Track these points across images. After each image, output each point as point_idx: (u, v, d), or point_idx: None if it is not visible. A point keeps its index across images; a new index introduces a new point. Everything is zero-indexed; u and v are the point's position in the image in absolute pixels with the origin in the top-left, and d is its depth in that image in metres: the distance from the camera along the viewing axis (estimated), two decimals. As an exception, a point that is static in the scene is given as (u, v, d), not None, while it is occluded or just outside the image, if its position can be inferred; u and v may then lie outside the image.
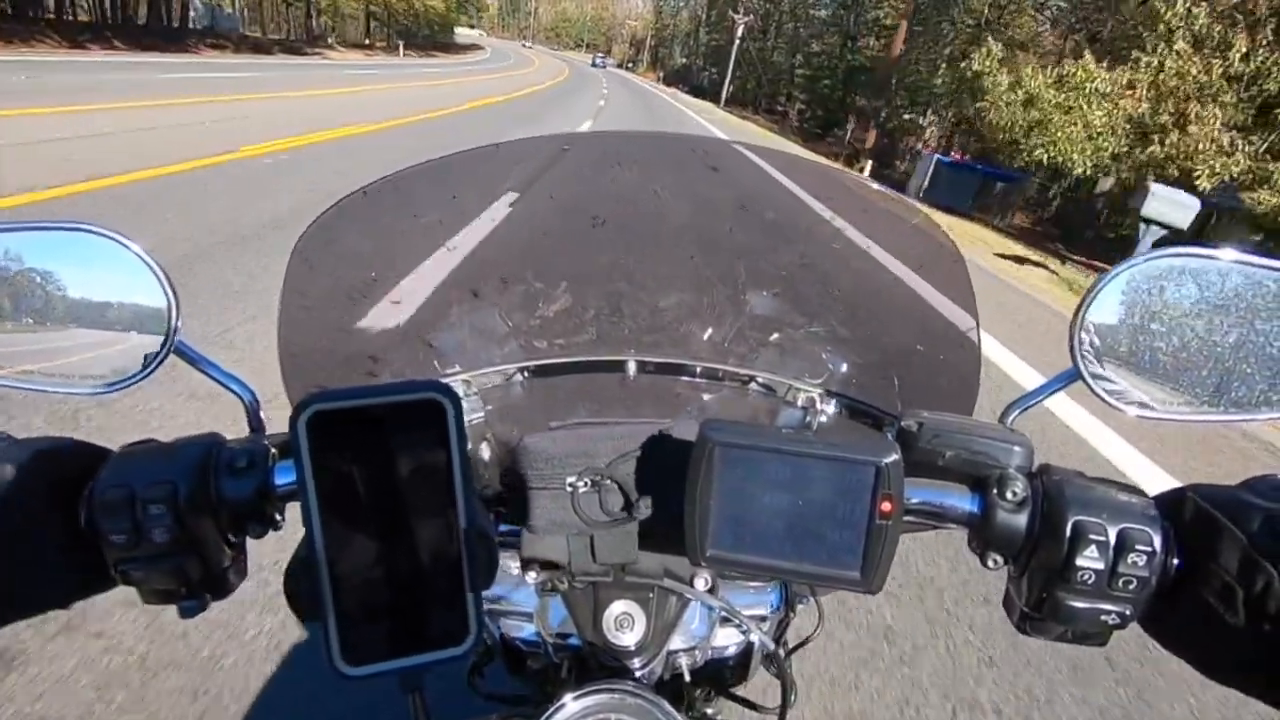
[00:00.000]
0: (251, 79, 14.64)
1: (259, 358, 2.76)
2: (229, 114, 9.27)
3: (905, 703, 1.70)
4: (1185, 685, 1.84)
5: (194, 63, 18.35)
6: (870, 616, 1.97)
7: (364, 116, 10.51)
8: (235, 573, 0.45)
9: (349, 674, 0.37)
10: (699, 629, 0.61)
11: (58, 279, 0.43)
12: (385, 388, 0.36)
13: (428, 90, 18.44)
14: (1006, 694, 1.76)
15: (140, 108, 8.56)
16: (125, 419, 2.29)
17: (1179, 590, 0.39)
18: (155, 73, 13.57)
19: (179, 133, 7.36)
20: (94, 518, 0.39)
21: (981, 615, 2.02)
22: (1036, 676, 1.82)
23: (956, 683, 1.78)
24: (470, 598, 0.38)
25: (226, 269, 3.75)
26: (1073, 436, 3.31)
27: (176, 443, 0.43)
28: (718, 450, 0.39)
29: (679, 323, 0.70)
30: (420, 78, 22.88)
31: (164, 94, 10.15)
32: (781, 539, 0.40)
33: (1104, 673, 1.87)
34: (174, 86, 11.39)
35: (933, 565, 2.23)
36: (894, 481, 0.38)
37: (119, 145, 6.20)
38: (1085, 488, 0.42)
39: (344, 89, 15.75)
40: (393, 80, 20.36)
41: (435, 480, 0.37)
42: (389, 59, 35.55)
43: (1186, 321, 0.44)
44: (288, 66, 21.66)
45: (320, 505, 0.35)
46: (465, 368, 0.66)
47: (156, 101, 9.31)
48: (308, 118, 9.76)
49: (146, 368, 0.44)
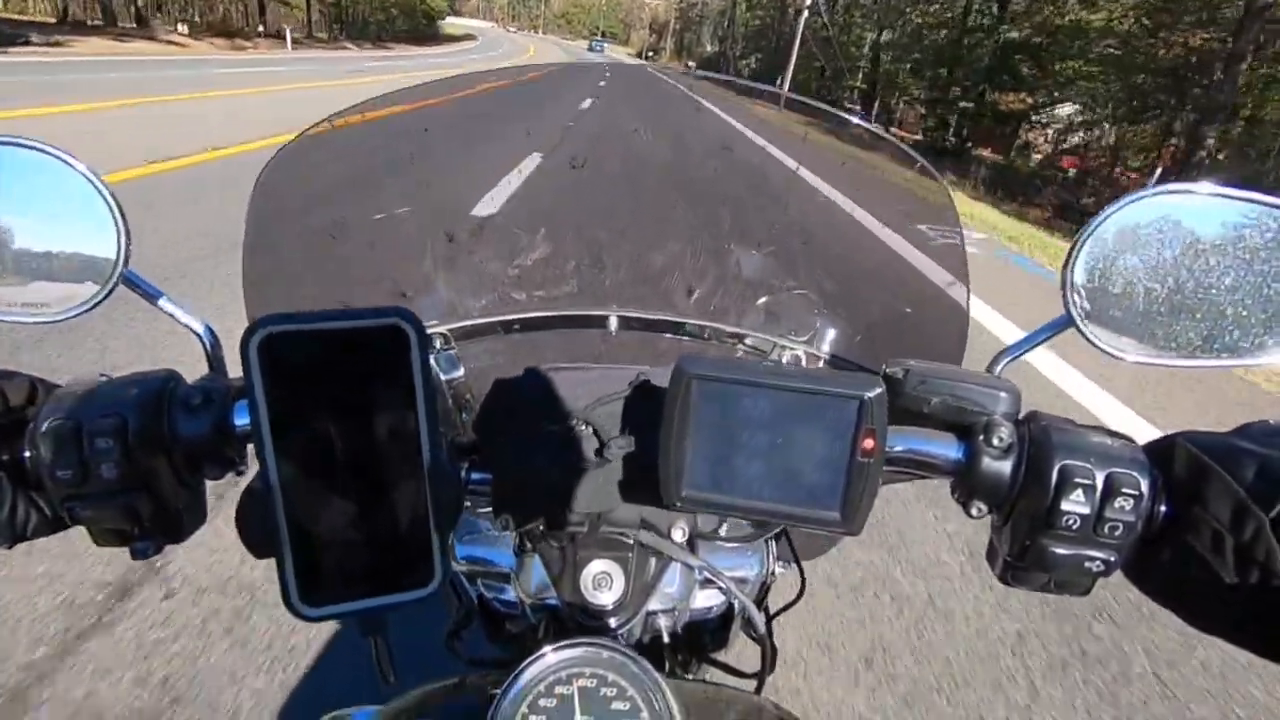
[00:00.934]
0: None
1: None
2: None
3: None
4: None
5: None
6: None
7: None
8: (191, 515, 0.43)
9: (306, 614, 0.35)
10: (678, 591, 0.60)
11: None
12: (344, 312, 0.34)
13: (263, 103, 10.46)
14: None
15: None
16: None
17: (1166, 538, 0.38)
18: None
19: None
20: (39, 453, 0.38)
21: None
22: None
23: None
24: (435, 539, 0.37)
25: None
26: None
27: (128, 377, 0.41)
28: (695, 384, 0.38)
29: (663, 278, 0.69)
30: (303, 79, 14.87)
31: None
32: (760, 479, 0.39)
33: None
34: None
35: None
36: (876, 417, 0.36)
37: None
38: (1072, 433, 0.41)
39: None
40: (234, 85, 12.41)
41: (399, 417, 0.35)
42: (270, 53, 24.88)
43: (1182, 264, 0.42)
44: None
45: (276, 439, 0.34)
46: (442, 320, 0.64)
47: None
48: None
49: (93, 298, 0.42)
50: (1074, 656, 1.83)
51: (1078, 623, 1.95)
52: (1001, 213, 11.53)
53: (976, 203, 11.55)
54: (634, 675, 0.44)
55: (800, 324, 0.68)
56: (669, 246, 0.69)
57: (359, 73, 18.04)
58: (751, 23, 53.84)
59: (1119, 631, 1.93)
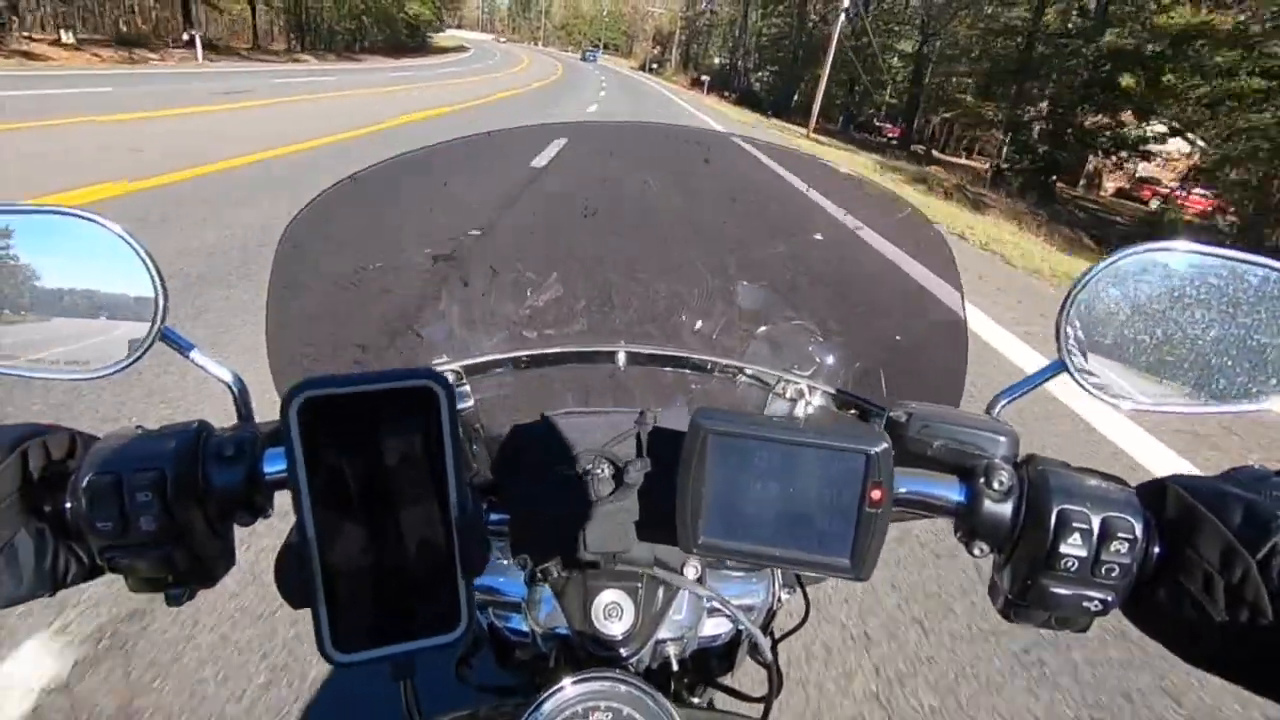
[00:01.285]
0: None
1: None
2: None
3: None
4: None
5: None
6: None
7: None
8: (223, 560, 0.44)
9: (340, 660, 0.37)
10: (687, 619, 0.61)
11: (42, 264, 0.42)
12: (378, 375, 0.36)
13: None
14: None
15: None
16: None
17: (1160, 578, 0.40)
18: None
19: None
20: (80, 505, 0.39)
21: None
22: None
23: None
24: (462, 585, 0.38)
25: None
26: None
27: (164, 430, 0.42)
28: (711, 438, 0.39)
29: (670, 314, 0.71)
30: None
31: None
32: (772, 527, 0.40)
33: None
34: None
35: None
36: (884, 470, 0.38)
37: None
38: (1069, 477, 0.43)
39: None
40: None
41: (426, 468, 0.37)
42: (169, 66, 19.23)
43: (1170, 315, 0.45)
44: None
45: (311, 492, 0.35)
46: (454, 357, 0.65)
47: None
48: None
49: (132, 354, 0.43)
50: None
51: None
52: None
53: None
54: (650, 710, 0.45)
55: (802, 356, 0.70)
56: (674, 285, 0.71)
57: (236, 95, 12.71)
58: (766, 31, 48.46)
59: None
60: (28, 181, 5.05)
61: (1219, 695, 1.78)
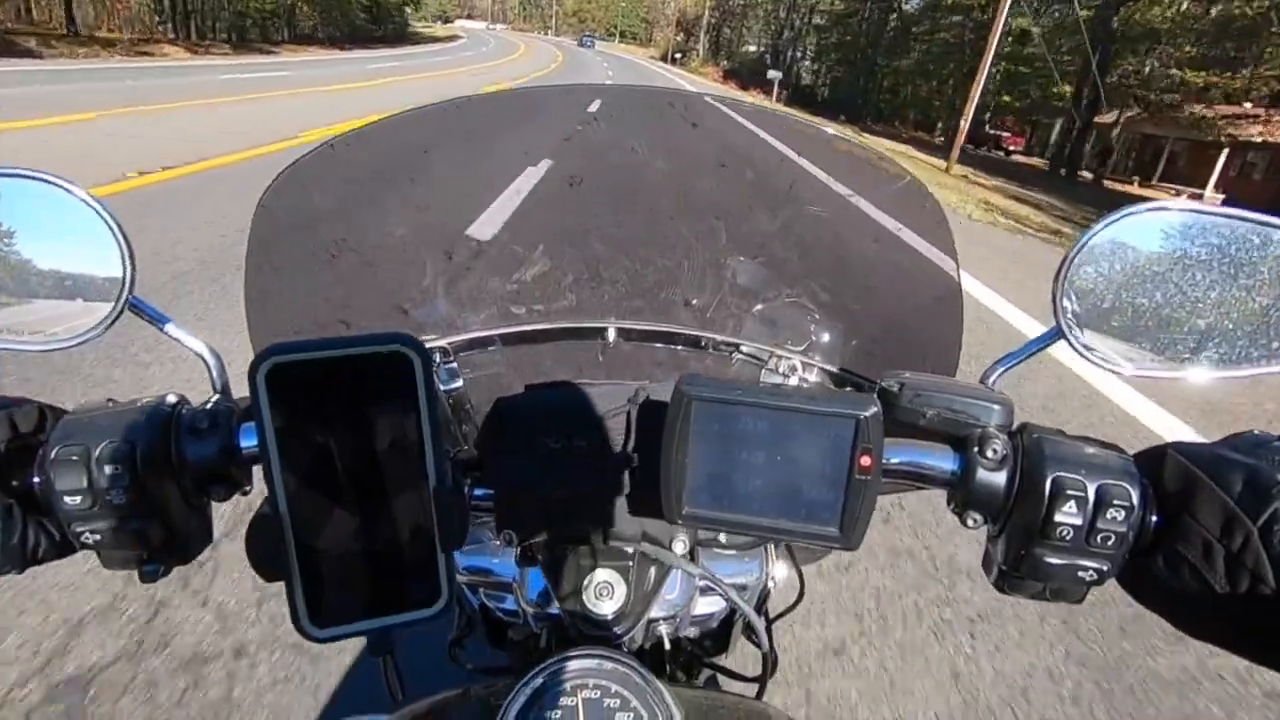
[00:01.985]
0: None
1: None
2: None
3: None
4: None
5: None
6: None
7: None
8: (199, 536, 0.43)
9: (315, 635, 0.36)
10: (679, 598, 0.61)
11: (3, 229, 0.41)
12: (350, 339, 0.35)
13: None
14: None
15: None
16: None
17: (1157, 547, 0.39)
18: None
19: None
20: (47, 479, 0.38)
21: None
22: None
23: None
24: (441, 559, 0.38)
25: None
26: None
27: (135, 403, 0.41)
28: (695, 405, 0.38)
29: (660, 289, 0.69)
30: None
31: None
32: (760, 496, 0.39)
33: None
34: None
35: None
36: (873, 436, 0.37)
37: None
38: (1064, 445, 0.42)
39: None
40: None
41: (405, 438, 0.36)
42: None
43: (1170, 278, 0.43)
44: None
45: (283, 462, 0.34)
46: (441, 334, 0.64)
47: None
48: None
49: (99, 324, 0.42)
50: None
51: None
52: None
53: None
54: (637, 685, 0.45)
55: (796, 332, 0.69)
56: (666, 257, 0.70)
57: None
58: (826, 7, 33.46)
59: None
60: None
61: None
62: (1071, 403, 3.44)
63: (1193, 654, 1.86)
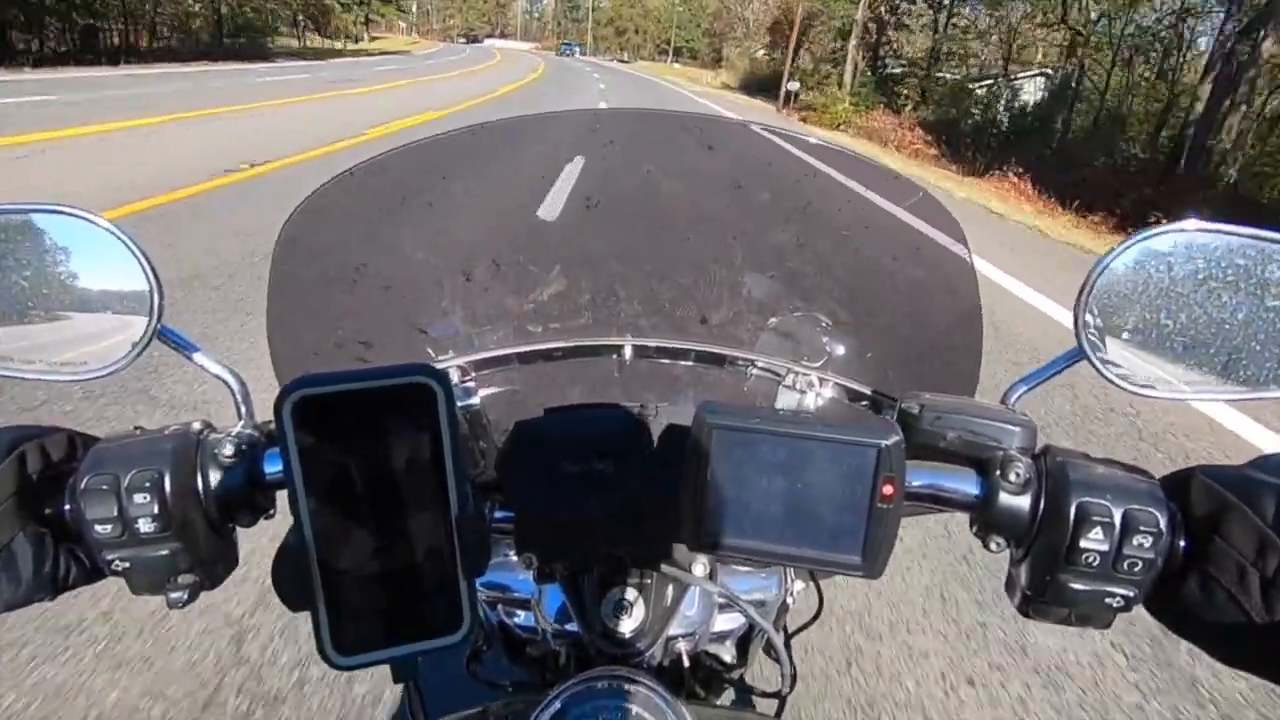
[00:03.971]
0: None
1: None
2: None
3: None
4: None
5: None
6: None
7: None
8: (225, 561, 0.44)
9: (340, 664, 0.36)
10: (698, 615, 0.61)
11: (35, 262, 0.42)
12: (373, 371, 0.35)
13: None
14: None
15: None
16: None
17: (1187, 572, 0.39)
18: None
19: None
20: (79, 507, 0.39)
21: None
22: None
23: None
24: (463, 586, 0.38)
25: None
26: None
27: (162, 431, 0.42)
28: (715, 433, 0.38)
29: (675, 306, 0.69)
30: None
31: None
32: (781, 523, 0.39)
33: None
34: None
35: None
36: (895, 464, 0.37)
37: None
38: (1089, 469, 0.41)
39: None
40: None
41: (426, 466, 0.36)
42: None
43: (1195, 298, 0.43)
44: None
45: (309, 492, 0.35)
46: (459, 353, 0.65)
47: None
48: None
49: (128, 354, 0.43)
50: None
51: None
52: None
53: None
54: (658, 708, 0.45)
55: (813, 348, 0.68)
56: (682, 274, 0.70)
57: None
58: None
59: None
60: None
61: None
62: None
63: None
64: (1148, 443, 2.90)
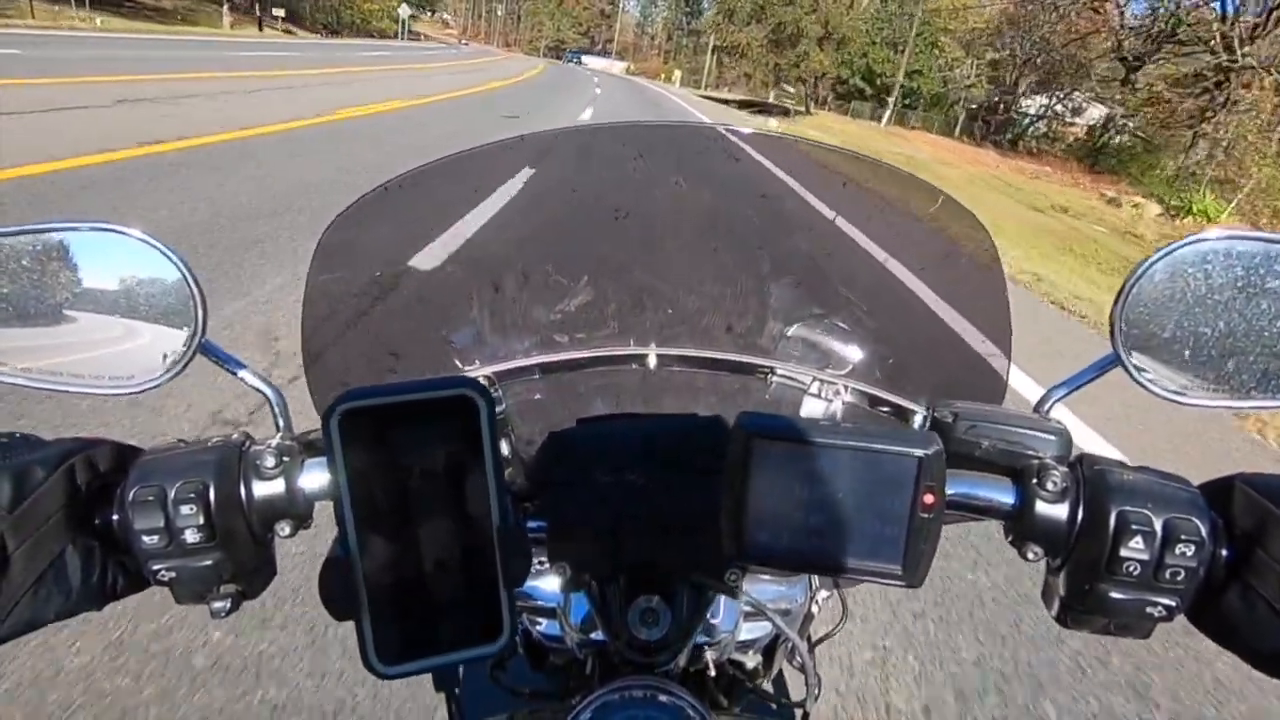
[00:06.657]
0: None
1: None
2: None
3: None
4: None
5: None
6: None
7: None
8: (265, 571, 0.44)
9: (384, 672, 0.37)
10: (724, 623, 0.61)
11: (83, 278, 0.43)
12: (417, 384, 0.35)
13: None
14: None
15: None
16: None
17: (1230, 582, 0.38)
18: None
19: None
20: (126, 519, 0.39)
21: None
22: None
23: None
24: (504, 596, 0.38)
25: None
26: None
27: (205, 443, 0.43)
28: (755, 443, 0.38)
29: (700, 315, 0.70)
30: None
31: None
32: (820, 533, 0.39)
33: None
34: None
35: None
36: (936, 474, 0.37)
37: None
38: (1127, 477, 0.41)
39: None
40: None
41: (466, 478, 0.37)
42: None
43: (1233, 306, 0.43)
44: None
45: (352, 501, 0.35)
46: (485, 363, 0.65)
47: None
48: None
49: (172, 368, 0.43)
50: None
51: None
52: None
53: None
54: (687, 717, 0.45)
55: (838, 356, 0.68)
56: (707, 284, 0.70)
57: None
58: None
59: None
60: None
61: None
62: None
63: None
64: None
